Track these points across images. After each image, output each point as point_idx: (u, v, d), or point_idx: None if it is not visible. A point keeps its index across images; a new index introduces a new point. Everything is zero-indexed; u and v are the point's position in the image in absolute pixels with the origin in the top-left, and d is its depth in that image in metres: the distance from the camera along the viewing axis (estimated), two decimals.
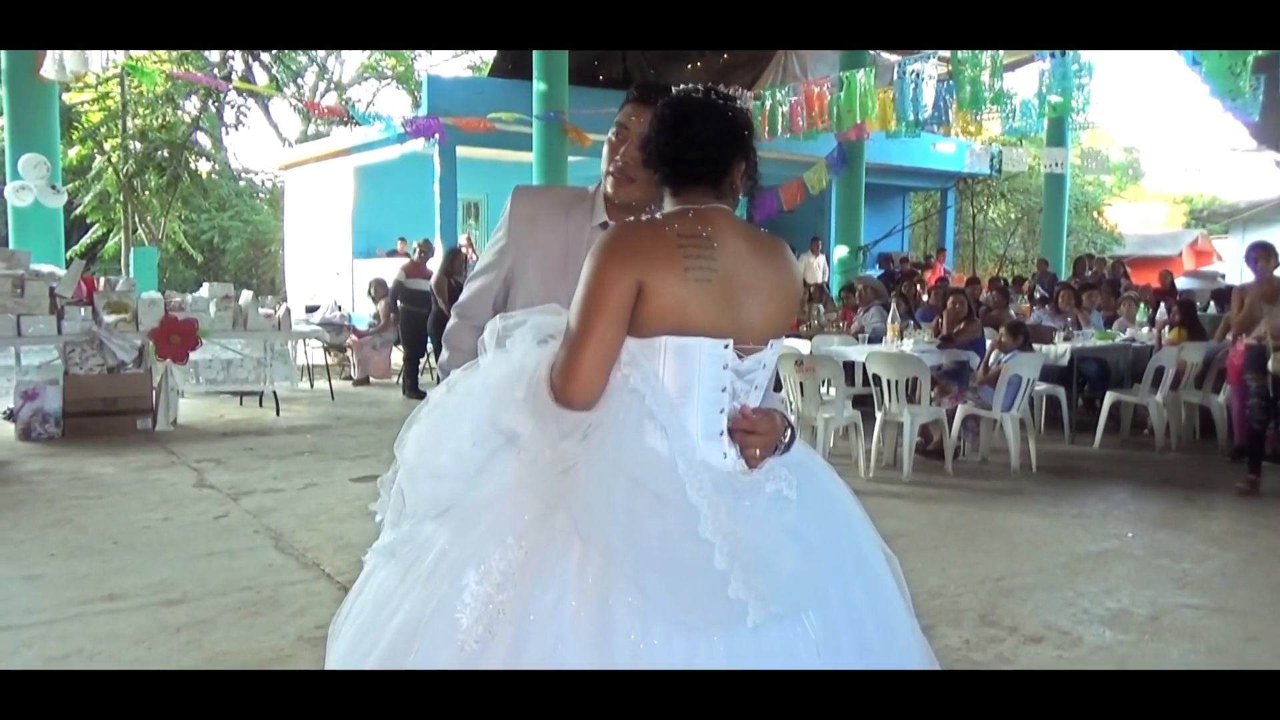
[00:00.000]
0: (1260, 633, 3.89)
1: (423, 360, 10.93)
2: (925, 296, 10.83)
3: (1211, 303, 11.94)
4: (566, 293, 1.78)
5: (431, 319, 10.08)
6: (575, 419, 1.70)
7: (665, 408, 1.71)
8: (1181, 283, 15.95)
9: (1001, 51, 9.65)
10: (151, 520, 5.30)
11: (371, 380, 11.65)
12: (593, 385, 1.69)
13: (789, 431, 1.82)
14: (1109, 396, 7.87)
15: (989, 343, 7.48)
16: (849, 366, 7.30)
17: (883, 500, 5.93)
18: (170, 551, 4.72)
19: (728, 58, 16.40)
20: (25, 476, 6.36)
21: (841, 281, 13.60)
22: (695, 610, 1.58)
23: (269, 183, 24.63)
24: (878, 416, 6.68)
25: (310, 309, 13.53)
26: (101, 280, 9.32)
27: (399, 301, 11.00)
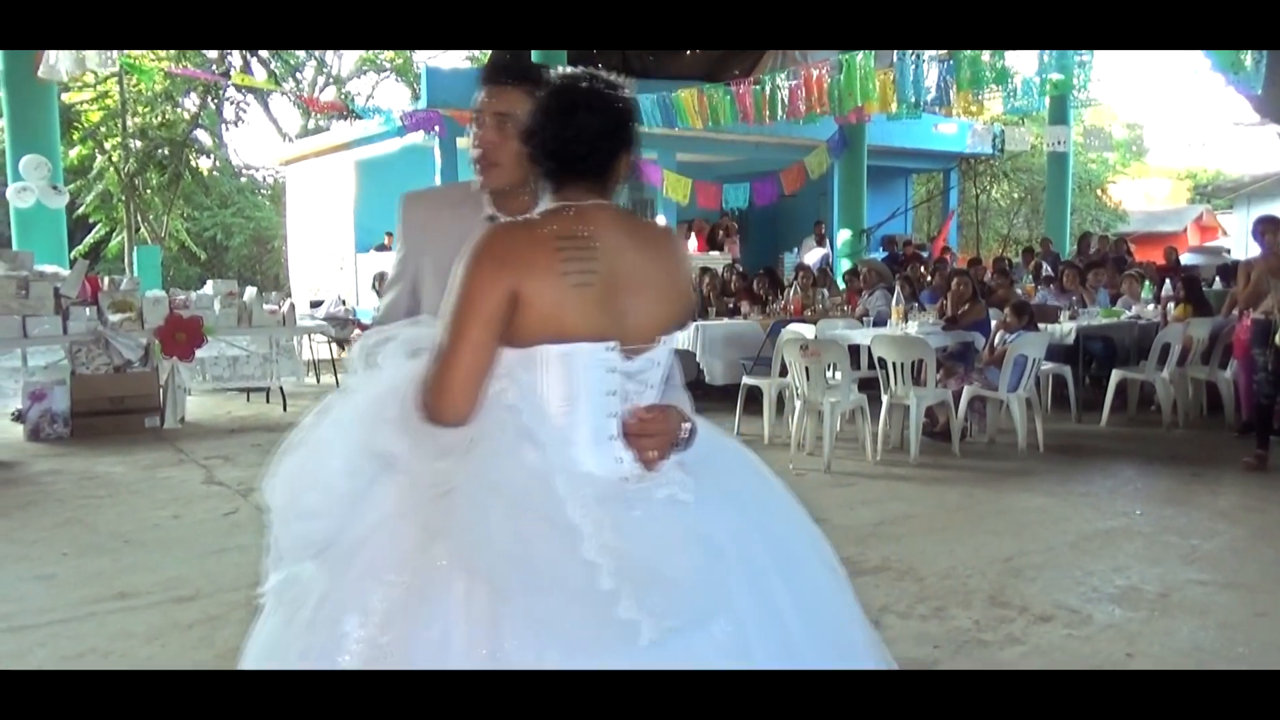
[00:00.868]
0: (1270, 608, 3.88)
1: None
2: (929, 278, 10.79)
3: (1217, 278, 11.89)
4: None
5: None
6: (452, 437, 1.61)
7: (543, 422, 1.63)
8: (1187, 258, 15.90)
9: None
10: (161, 518, 5.33)
11: None
12: (465, 401, 1.61)
13: (688, 426, 1.74)
14: (1115, 374, 7.85)
15: (994, 323, 7.47)
16: (854, 350, 7.28)
17: (890, 483, 5.93)
18: (181, 549, 4.74)
19: None
20: (35, 477, 6.39)
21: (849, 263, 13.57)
22: (586, 633, 1.51)
23: (270, 178, 24.58)
24: (884, 399, 6.67)
25: (315, 304, 13.52)
26: (106, 280, 9.32)
27: None
